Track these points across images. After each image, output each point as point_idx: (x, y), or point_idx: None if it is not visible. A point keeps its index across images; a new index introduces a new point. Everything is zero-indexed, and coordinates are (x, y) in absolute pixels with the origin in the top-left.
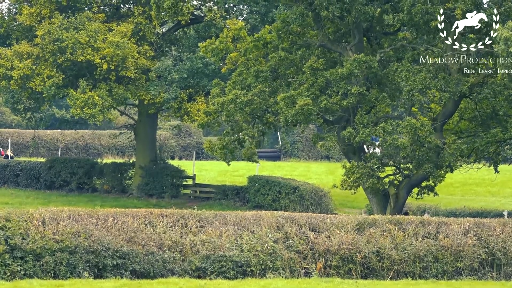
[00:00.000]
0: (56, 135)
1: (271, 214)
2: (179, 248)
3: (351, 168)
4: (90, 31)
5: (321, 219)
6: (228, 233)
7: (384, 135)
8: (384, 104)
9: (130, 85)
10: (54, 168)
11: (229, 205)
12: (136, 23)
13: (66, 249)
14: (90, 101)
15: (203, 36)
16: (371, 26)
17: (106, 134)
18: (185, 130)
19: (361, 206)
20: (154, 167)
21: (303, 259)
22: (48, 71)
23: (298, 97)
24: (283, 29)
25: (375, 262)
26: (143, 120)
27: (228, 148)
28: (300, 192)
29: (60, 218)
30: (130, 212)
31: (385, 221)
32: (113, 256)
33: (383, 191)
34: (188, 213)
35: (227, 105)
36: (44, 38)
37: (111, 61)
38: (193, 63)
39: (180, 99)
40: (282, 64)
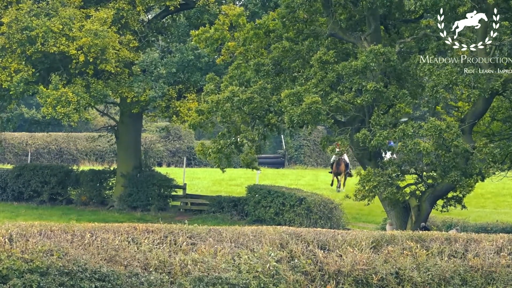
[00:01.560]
0: (25, 138)
1: (274, 229)
2: (167, 269)
3: (366, 176)
4: (64, 17)
5: (331, 236)
6: (224, 251)
7: (405, 138)
8: (404, 102)
9: (111, 81)
10: (22, 176)
11: (225, 219)
12: (118, 8)
13: (36, 270)
14: (63, 99)
15: (195, 23)
16: (389, 12)
17: (82, 137)
18: (174, 132)
19: (377, 220)
20: (138, 175)
21: (310, 281)
22: (16, 64)
23: (305, 94)
24: (287, 16)
25: (394, 285)
26: (125, 121)
27: (223, 153)
28: (307, 204)
29: (29, 235)
30: (111, 227)
31: (405, 237)
32: (91, 278)
33: (403, 202)
34: (177, 228)
35: (222, 103)
36: (11, 26)
37: (88, 53)
38: (184, 55)
39: (168, 97)
40: (286, 56)
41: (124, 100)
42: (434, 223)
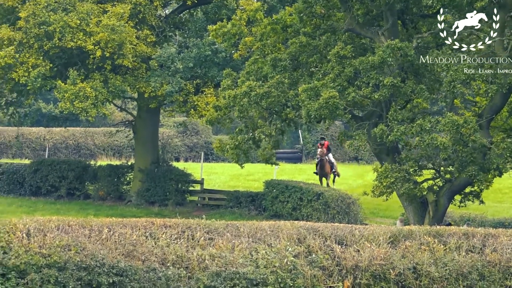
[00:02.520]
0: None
1: (291, 224)
2: (184, 263)
3: (384, 172)
4: (82, 12)
5: (348, 231)
6: (241, 246)
7: (422, 133)
8: (421, 97)
9: (128, 76)
10: (40, 171)
11: (243, 214)
12: (135, 3)
13: (54, 265)
14: (81, 94)
15: (212, 18)
16: (406, 7)
17: (100, 132)
18: (192, 127)
19: (395, 215)
20: (156, 170)
21: (328, 276)
22: (33, 59)
23: (322, 88)
24: (305, 11)
25: (411, 280)
26: (143, 116)
27: (241, 148)
28: (324, 199)
29: (47, 229)
30: (128, 222)
31: (422, 232)
32: (109, 273)
33: (420, 198)
34: (195, 223)
35: (240, 98)
36: (28, 21)
37: (106, 48)
38: (201, 50)
39: (185, 92)
40: (303, 51)
41: (141, 95)
42: (452, 218)
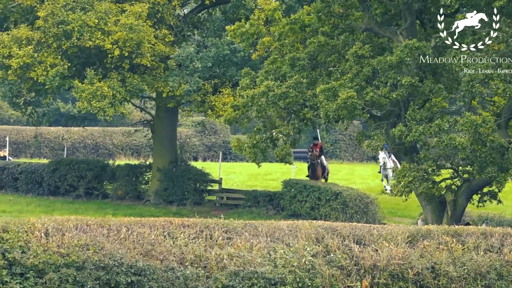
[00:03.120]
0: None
1: (310, 224)
2: (203, 263)
3: (402, 171)
4: (100, 12)
5: (367, 230)
6: (259, 246)
7: (440, 133)
8: (440, 97)
9: (146, 75)
10: (59, 170)
11: (261, 214)
12: (153, 3)
13: (72, 264)
14: (98, 93)
15: (230, 18)
16: (424, 6)
17: (118, 131)
18: (210, 127)
19: (413, 215)
20: (174, 169)
21: (346, 276)
22: (52, 58)
23: (340, 88)
24: (323, 10)
25: (429, 279)
26: (161, 116)
27: (259, 147)
28: (343, 199)
29: (65, 229)
30: (147, 221)
31: (441, 232)
32: (127, 272)
33: (439, 197)
34: (213, 223)
35: (258, 98)
36: (47, 20)
37: (124, 47)
38: (219, 49)
39: (203, 91)
40: (322, 51)
41: (159, 94)
42: (470, 218)
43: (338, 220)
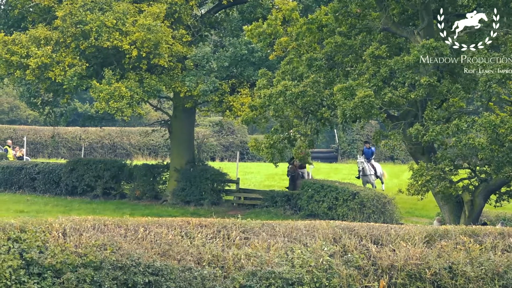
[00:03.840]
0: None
1: (327, 224)
2: (220, 263)
3: (419, 170)
4: (118, 12)
5: (384, 230)
6: (277, 246)
7: (458, 133)
8: (457, 97)
9: (164, 75)
10: (76, 170)
11: (278, 214)
12: (171, 3)
13: (90, 264)
14: (116, 93)
15: (248, 18)
16: (442, 6)
17: (136, 131)
18: (228, 127)
19: (431, 215)
20: (191, 169)
21: (363, 276)
22: (70, 58)
23: (357, 88)
24: (340, 10)
25: (447, 279)
26: (179, 116)
27: (276, 147)
28: (360, 199)
29: (83, 229)
30: (164, 221)
31: (458, 232)
32: (145, 272)
33: (456, 197)
34: (230, 222)
35: (275, 98)
36: (65, 20)
37: (141, 47)
38: (237, 49)
39: (221, 91)
40: (339, 51)
41: (177, 94)
42: (488, 218)
43: (356, 220)
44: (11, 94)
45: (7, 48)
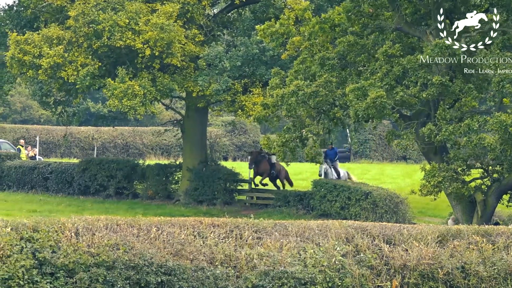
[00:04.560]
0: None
1: (340, 224)
2: (233, 263)
3: (432, 171)
4: (131, 11)
5: (397, 230)
6: (289, 245)
7: (470, 133)
8: (470, 96)
9: (176, 75)
10: (89, 170)
11: (291, 213)
12: (183, 2)
13: (102, 264)
14: (130, 91)
15: (260, 17)
16: (454, 6)
17: (148, 131)
18: (240, 126)
19: (443, 214)
20: (204, 169)
21: (376, 276)
22: (82, 58)
23: (370, 88)
24: (353, 10)
25: (459, 279)
26: (191, 115)
27: (288, 146)
28: (373, 199)
29: (96, 229)
30: (177, 221)
31: (471, 232)
32: (157, 272)
33: (469, 197)
34: (243, 222)
35: (287, 97)
36: (78, 20)
37: (154, 47)
38: (249, 49)
39: (233, 91)
40: (351, 50)
41: (189, 94)
42: (500, 218)
43: (368, 220)
44: (24, 93)
45: (20, 48)
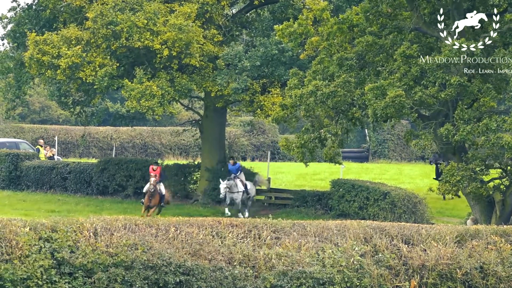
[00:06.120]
0: (110, 132)
1: (358, 224)
2: (251, 263)
3: (450, 170)
4: (149, 12)
5: (415, 230)
6: (308, 245)
7: (488, 133)
8: (488, 96)
9: (195, 75)
10: (107, 170)
11: (309, 213)
12: (202, 3)
13: (121, 264)
14: (148, 92)
15: (279, 18)
16: (473, 6)
17: (167, 131)
18: (259, 127)
19: (462, 214)
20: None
21: (394, 276)
22: (101, 59)
23: (388, 87)
24: (371, 10)
25: (478, 279)
26: (210, 115)
27: (307, 147)
28: (391, 199)
29: (114, 229)
30: (195, 221)
31: (489, 232)
32: (176, 272)
33: (487, 197)
34: (261, 222)
35: (306, 98)
36: (96, 21)
37: (172, 47)
38: (267, 49)
39: (252, 91)
40: (370, 51)
41: (208, 94)
42: None
43: (387, 220)
44: (43, 93)
45: (39, 48)
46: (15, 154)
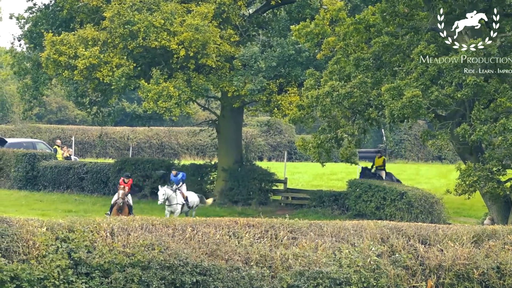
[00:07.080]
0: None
1: (375, 224)
2: (268, 263)
3: (467, 170)
4: (166, 12)
5: (432, 230)
6: (324, 245)
7: (505, 133)
8: (505, 97)
9: (212, 75)
10: (124, 170)
11: (326, 214)
12: (219, 3)
13: (138, 264)
14: (165, 93)
15: (295, 18)
16: (490, 6)
17: (184, 131)
18: (275, 127)
19: (479, 215)
20: (239, 169)
21: (411, 276)
22: (118, 59)
23: (405, 88)
24: (388, 10)
25: (495, 279)
26: (226, 116)
27: (323, 147)
28: (408, 199)
29: (131, 229)
30: (212, 221)
31: (506, 232)
32: (192, 272)
33: (504, 197)
34: (278, 222)
35: (322, 98)
36: (113, 20)
37: (189, 47)
38: (284, 49)
39: (269, 91)
40: (386, 51)
41: (225, 94)
42: None
43: (403, 220)
44: (60, 94)
45: (56, 49)
46: (32, 154)
